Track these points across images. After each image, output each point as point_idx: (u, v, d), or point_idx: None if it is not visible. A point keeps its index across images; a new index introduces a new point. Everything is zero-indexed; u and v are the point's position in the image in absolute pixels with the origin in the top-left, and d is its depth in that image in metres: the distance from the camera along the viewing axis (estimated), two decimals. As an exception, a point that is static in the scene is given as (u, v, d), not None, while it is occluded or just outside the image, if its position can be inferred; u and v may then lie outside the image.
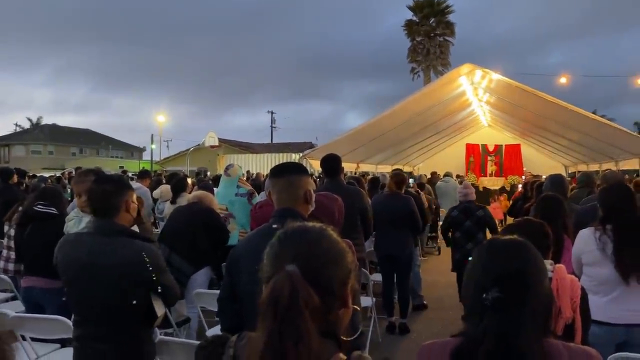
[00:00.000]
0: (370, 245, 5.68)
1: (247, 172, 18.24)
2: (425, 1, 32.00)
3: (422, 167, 20.15)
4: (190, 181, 8.18)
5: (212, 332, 3.79)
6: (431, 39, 32.06)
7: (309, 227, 1.13)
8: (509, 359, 1.23)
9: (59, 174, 18.54)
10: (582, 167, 16.97)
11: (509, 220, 8.43)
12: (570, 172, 18.76)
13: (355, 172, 14.63)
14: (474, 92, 14.17)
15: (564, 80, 17.45)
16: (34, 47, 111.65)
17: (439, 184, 12.01)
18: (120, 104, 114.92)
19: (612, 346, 2.75)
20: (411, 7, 32.58)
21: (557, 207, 3.40)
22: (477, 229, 5.87)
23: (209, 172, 18.96)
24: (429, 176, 13.89)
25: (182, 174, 10.43)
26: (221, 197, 5.37)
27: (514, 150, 20.81)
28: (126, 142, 59.34)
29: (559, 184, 4.82)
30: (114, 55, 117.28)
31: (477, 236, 5.81)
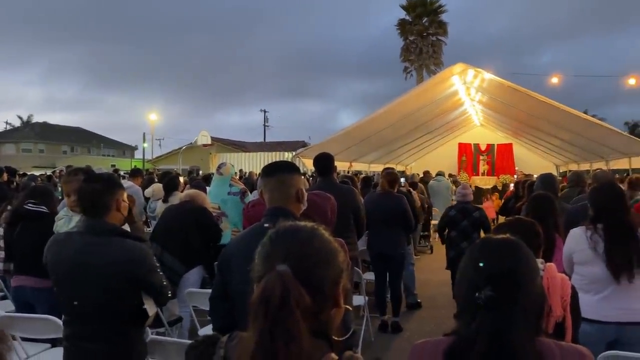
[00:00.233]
0: (363, 244, 5.68)
1: (240, 170, 18.21)
2: (418, 1, 32.03)
3: (415, 166, 20.19)
4: (182, 180, 8.14)
5: (205, 332, 3.77)
6: (424, 38, 32.11)
7: (301, 226, 1.12)
8: (501, 358, 1.23)
9: (49, 172, 18.41)
10: (573, 167, 17.07)
11: (501, 219, 8.47)
12: (561, 171, 18.86)
13: (348, 171, 14.64)
14: (466, 92, 14.21)
15: (555, 80, 17.53)
16: (25, 45, 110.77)
17: (432, 183, 12.03)
18: (112, 102, 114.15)
19: (603, 344, 2.76)
20: (404, 7, 32.61)
21: (548, 206, 3.42)
22: (473, 229, 6.00)
23: (201, 171, 18.87)
24: (422, 175, 13.92)
25: (175, 172, 10.38)
26: (213, 196, 5.34)
27: (506, 149, 20.90)
28: (118, 140, 59.07)
29: (550, 183, 4.87)
30: (106, 53, 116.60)
31: (472, 236, 5.91)
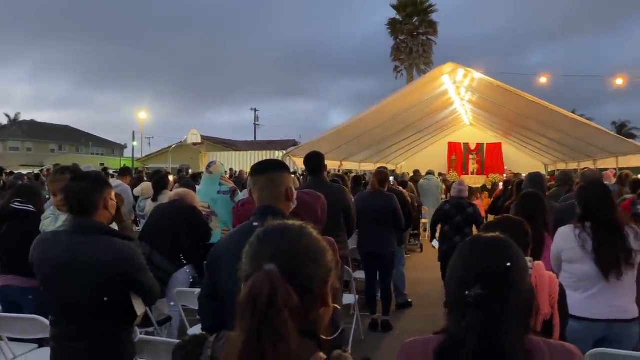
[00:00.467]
0: (353, 242, 5.69)
1: (230, 169, 18.15)
2: (408, 0, 32.12)
3: (405, 165, 20.23)
4: (171, 179, 8.09)
5: (194, 331, 3.75)
6: (414, 37, 32.20)
7: (289, 225, 1.11)
8: (491, 356, 1.23)
9: (37, 171, 18.19)
10: (561, 166, 17.19)
11: (490, 218, 8.54)
12: (549, 170, 18.99)
13: (338, 170, 14.64)
14: (456, 91, 14.26)
15: (544, 80, 17.63)
16: (12, 42, 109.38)
17: (422, 182, 12.08)
18: (101, 101, 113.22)
19: (591, 342, 2.78)
20: (394, 6, 32.67)
21: (538, 204, 3.44)
22: (465, 224, 6.18)
23: (190, 170, 18.78)
24: (412, 174, 13.97)
25: (165, 171, 10.32)
26: (203, 195, 5.31)
27: (495, 148, 21.04)
28: (107, 139, 58.64)
29: (538, 182, 4.92)
30: (95, 51, 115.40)
31: (465, 230, 6.11)
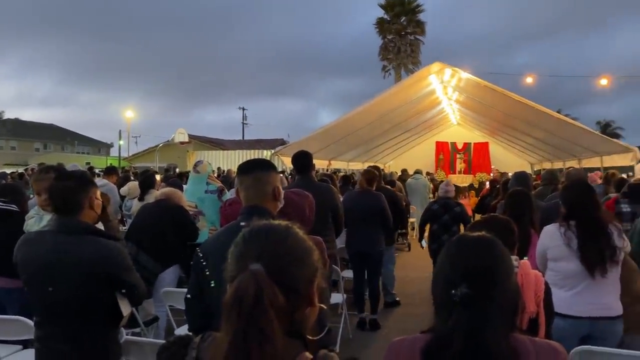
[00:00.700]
0: (341, 242, 5.69)
1: (218, 168, 18.07)
2: (396, 0, 32.21)
3: (393, 165, 20.30)
4: (158, 178, 8.04)
5: (181, 332, 3.73)
6: (402, 37, 32.28)
7: (275, 225, 1.11)
8: (477, 355, 1.23)
9: (21, 170, 17.94)
10: (547, 165, 17.36)
11: (477, 217, 8.61)
12: (535, 169, 19.17)
13: (327, 170, 14.65)
14: (443, 91, 14.33)
15: (530, 80, 17.78)
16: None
17: (409, 181, 12.11)
18: (87, 99, 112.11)
19: (577, 339, 2.81)
20: (382, 6, 32.73)
21: (525, 202, 3.48)
22: (453, 223, 6.32)
23: (178, 169, 18.66)
24: (400, 173, 14.01)
25: (152, 170, 10.25)
26: (190, 194, 5.27)
27: (482, 148, 21.21)
28: (93, 138, 58.03)
29: (524, 181, 5.00)
30: (81, 49, 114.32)
31: (452, 229, 6.25)
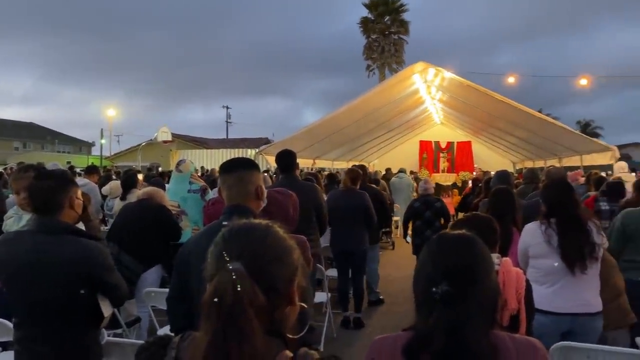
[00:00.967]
0: (326, 240, 5.70)
1: (202, 168, 17.95)
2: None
3: (378, 163, 20.37)
4: (140, 177, 7.95)
5: (164, 332, 3.69)
6: (386, 36, 32.42)
7: (255, 224, 1.11)
8: (458, 353, 1.25)
9: (0, 169, 17.60)
10: (529, 164, 17.57)
11: (460, 215, 8.70)
12: (517, 168, 19.40)
13: (311, 169, 14.64)
14: (427, 90, 14.41)
15: (512, 79, 18.02)
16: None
17: (393, 180, 12.17)
18: (68, 97, 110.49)
19: (557, 335, 2.86)
20: (366, 5, 32.82)
21: (509, 200, 3.53)
22: (435, 218, 6.64)
23: (160, 168, 18.48)
24: (384, 172, 14.07)
25: (134, 169, 10.15)
26: (172, 194, 5.23)
27: (465, 147, 21.39)
28: (74, 136, 57.15)
29: (505, 179, 5.09)
30: (62, 46, 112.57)
31: (435, 224, 6.58)
